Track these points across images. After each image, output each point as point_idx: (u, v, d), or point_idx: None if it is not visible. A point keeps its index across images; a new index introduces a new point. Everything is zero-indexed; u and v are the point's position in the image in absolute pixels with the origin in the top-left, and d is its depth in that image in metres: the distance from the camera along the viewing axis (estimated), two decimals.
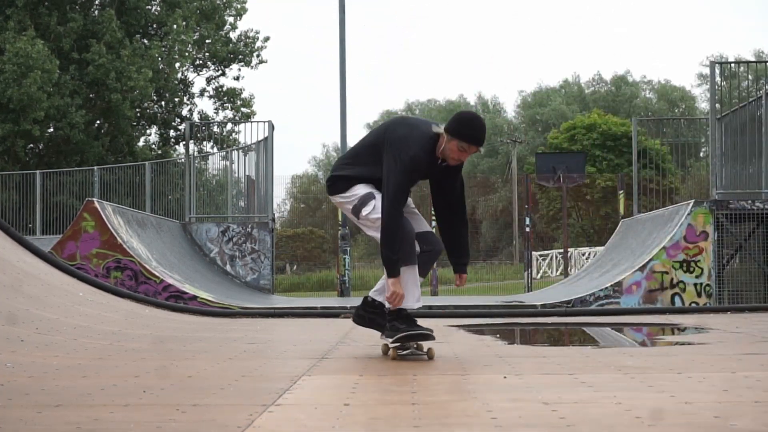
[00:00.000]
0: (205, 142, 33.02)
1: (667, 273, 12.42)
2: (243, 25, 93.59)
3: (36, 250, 8.38)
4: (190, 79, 34.85)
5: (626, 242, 15.39)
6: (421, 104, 70.64)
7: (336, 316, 9.60)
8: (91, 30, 29.74)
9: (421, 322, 5.16)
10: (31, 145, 30.60)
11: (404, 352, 5.14)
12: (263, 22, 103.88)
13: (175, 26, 30.96)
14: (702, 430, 2.85)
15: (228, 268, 16.45)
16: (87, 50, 29.11)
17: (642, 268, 12.50)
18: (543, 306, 11.71)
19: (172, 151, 34.18)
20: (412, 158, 4.95)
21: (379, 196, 5.06)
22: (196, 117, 34.62)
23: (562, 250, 30.35)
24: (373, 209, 5.07)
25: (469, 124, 5.00)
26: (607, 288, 12.50)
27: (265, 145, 17.51)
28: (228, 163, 19.58)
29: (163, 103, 33.91)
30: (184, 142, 23.34)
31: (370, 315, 5.36)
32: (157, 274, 12.79)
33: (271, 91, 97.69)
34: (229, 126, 32.99)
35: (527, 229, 25.54)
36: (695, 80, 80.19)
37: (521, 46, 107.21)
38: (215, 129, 32.16)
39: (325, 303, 13.71)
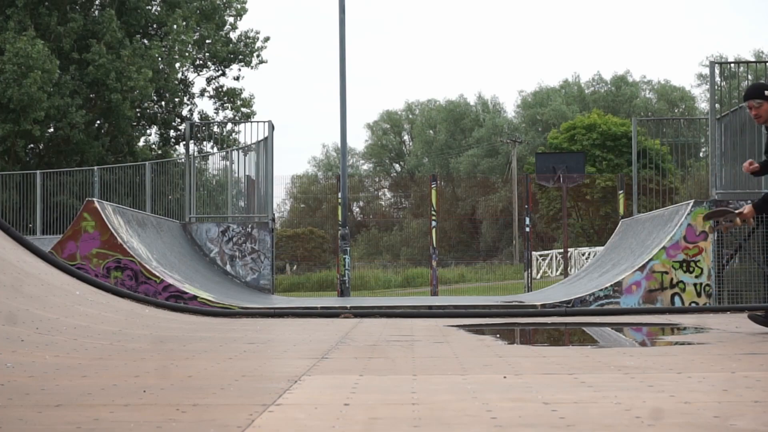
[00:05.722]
0: (205, 142, 33.06)
1: (666, 273, 12.42)
2: (243, 25, 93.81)
3: (36, 250, 8.38)
4: (190, 79, 34.88)
5: (626, 242, 15.39)
6: (421, 104, 70.57)
7: (336, 316, 9.59)
8: (91, 30, 29.74)
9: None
10: (32, 145, 30.61)
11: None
12: (263, 22, 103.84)
13: (175, 26, 30.96)
14: (702, 430, 2.85)
15: (228, 268, 16.45)
16: (87, 50, 29.11)
17: (642, 268, 12.50)
18: (543, 306, 11.71)
19: (172, 151, 34.19)
20: None
21: None
22: (196, 117, 34.63)
23: (562, 250, 30.34)
24: None
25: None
26: (607, 288, 12.49)
27: (265, 145, 17.51)
28: (228, 163, 19.59)
29: (163, 103, 33.92)
30: (184, 142, 23.35)
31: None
32: (157, 274, 12.79)
33: (271, 91, 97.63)
34: (229, 126, 33.01)
35: (527, 229, 25.53)
36: (695, 80, 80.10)
37: (521, 46, 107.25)
38: (215, 129, 32.17)
39: (325, 303, 13.71)
